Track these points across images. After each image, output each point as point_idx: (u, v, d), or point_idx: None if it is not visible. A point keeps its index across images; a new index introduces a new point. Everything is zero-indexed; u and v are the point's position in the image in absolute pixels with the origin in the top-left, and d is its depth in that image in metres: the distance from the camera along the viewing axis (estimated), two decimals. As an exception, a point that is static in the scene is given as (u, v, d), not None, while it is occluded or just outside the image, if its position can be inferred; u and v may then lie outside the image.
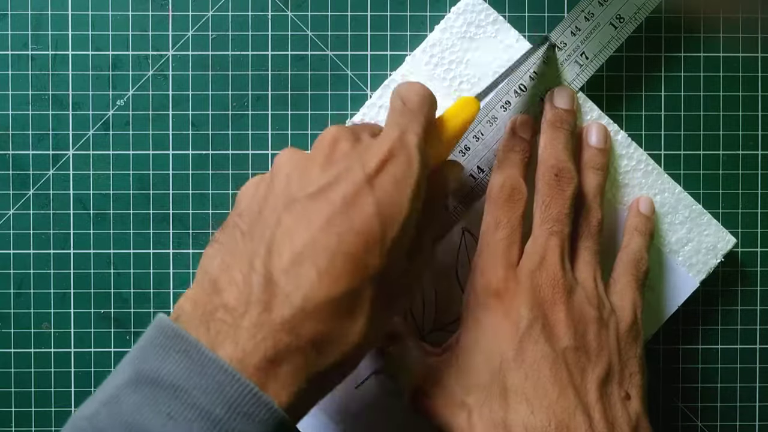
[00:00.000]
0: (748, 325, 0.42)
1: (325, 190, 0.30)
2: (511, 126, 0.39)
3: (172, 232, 0.41)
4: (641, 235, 0.39)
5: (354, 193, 0.29)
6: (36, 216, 0.41)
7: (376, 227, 0.29)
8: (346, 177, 0.30)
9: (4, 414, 0.41)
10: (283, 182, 0.31)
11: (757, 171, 0.42)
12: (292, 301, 0.28)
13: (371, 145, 0.31)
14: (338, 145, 0.31)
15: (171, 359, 0.27)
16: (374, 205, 0.29)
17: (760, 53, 0.42)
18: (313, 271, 0.28)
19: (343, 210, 0.29)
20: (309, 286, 0.28)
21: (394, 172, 0.30)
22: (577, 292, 0.35)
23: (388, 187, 0.30)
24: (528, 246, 0.36)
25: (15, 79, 0.41)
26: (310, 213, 0.29)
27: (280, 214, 0.30)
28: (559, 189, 0.36)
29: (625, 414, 0.33)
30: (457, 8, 0.40)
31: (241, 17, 0.41)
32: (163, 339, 0.28)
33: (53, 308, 0.41)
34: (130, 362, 0.28)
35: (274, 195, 0.31)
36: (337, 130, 0.32)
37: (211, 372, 0.27)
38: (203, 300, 0.29)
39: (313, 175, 0.30)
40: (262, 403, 0.27)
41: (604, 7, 0.39)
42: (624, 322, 0.36)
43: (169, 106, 0.41)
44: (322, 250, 0.29)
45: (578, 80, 0.40)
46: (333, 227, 0.29)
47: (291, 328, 0.28)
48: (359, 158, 0.30)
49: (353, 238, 0.29)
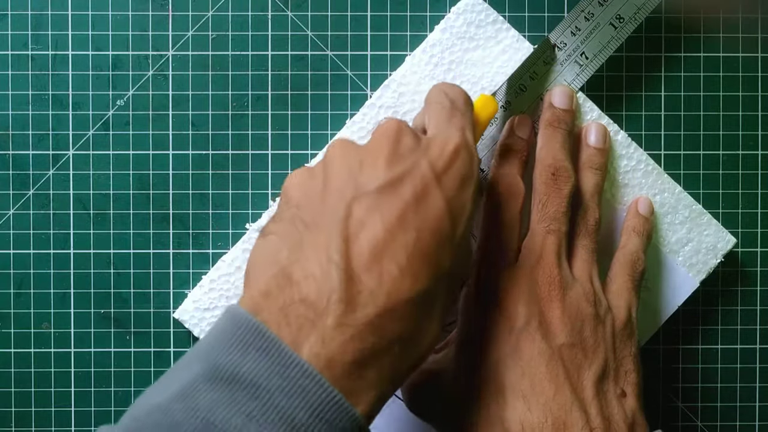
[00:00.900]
0: (748, 325, 0.42)
1: (394, 185, 0.29)
2: (510, 125, 0.39)
3: (172, 232, 0.41)
4: (639, 236, 0.39)
5: (424, 190, 0.29)
6: (36, 216, 0.41)
7: (447, 224, 0.29)
8: (414, 173, 0.29)
9: (4, 414, 0.41)
10: (344, 174, 0.30)
11: (757, 171, 0.42)
12: (376, 299, 0.27)
13: (436, 142, 0.31)
14: (402, 139, 0.31)
15: (250, 357, 0.26)
16: (444, 201, 0.29)
17: (760, 53, 0.42)
18: (395, 268, 0.28)
19: (414, 206, 0.29)
20: (392, 283, 0.28)
21: (460, 170, 0.30)
22: (574, 289, 0.35)
23: (454, 184, 0.30)
24: (525, 244, 0.36)
25: (15, 79, 0.41)
26: (382, 207, 0.29)
27: (349, 205, 0.29)
28: (556, 188, 0.37)
29: (621, 411, 0.34)
30: (457, 8, 0.40)
31: (241, 17, 0.41)
32: (242, 333, 0.27)
33: (53, 308, 0.41)
34: (204, 355, 0.27)
35: (336, 186, 0.30)
36: (398, 124, 0.31)
37: (294, 375, 0.26)
38: (278, 293, 0.27)
39: (378, 169, 0.30)
40: (345, 412, 0.26)
41: (604, 7, 0.39)
42: (619, 320, 0.36)
43: (169, 106, 0.41)
44: (401, 247, 0.28)
45: (578, 80, 0.40)
46: (408, 223, 0.28)
47: (376, 327, 0.27)
48: (425, 155, 0.30)
49: (428, 236, 0.29)
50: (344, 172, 0.30)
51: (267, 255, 0.29)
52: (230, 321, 0.27)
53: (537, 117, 0.39)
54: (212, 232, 0.42)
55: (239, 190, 0.41)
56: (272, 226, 0.31)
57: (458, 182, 0.30)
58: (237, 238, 0.41)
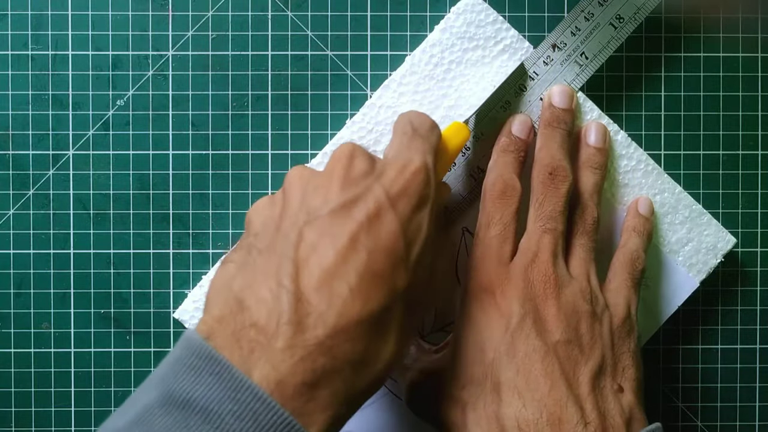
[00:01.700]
0: (748, 325, 0.43)
1: (347, 207, 0.30)
2: (508, 125, 0.39)
3: (172, 232, 0.41)
4: (639, 236, 0.39)
5: (377, 212, 0.30)
6: (36, 216, 0.41)
7: (401, 246, 0.30)
8: (367, 196, 0.30)
9: (4, 414, 0.41)
10: (298, 198, 0.31)
11: (757, 171, 0.42)
12: (325, 320, 0.28)
13: (391, 166, 0.32)
14: (356, 163, 0.32)
15: (203, 382, 0.27)
16: (398, 223, 0.30)
17: (760, 53, 0.42)
18: (345, 289, 0.28)
19: (367, 228, 0.29)
20: (342, 304, 0.28)
21: (416, 192, 0.31)
22: (570, 287, 0.35)
23: (409, 207, 0.31)
24: (522, 243, 0.37)
25: (15, 79, 0.41)
26: (334, 229, 0.29)
27: (301, 230, 0.30)
28: (553, 187, 0.37)
29: (617, 406, 0.34)
30: (457, 8, 0.40)
31: (241, 17, 0.41)
32: (194, 360, 0.27)
33: (53, 308, 0.41)
34: (160, 381, 0.28)
35: (292, 211, 0.31)
36: (352, 148, 0.32)
37: (245, 398, 0.26)
38: (230, 319, 0.28)
39: (332, 192, 0.31)
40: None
41: (603, 7, 0.39)
42: (617, 317, 0.36)
43: (169, 106, 0.41)
44: (352, 268, 0.29)
45: (578, 80, 0.40)
46: (360, 245, 0.29)
47: (327, 348, 0.27)
48: (380, 178, 0.31)
49: (381, 257, 0.29)
50: (299, 197, 0.31)
51: (223, 282, 0.30)
52: (185, 346, 0.28)
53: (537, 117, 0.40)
54: (212, 232, 0.42)
55: (239, 190, 0.42)
56: (232, 254, 0.32)
57: (414, 204, 0.31)
58: (237, 238, 0.41)
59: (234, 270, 0.30)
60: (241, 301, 0.28)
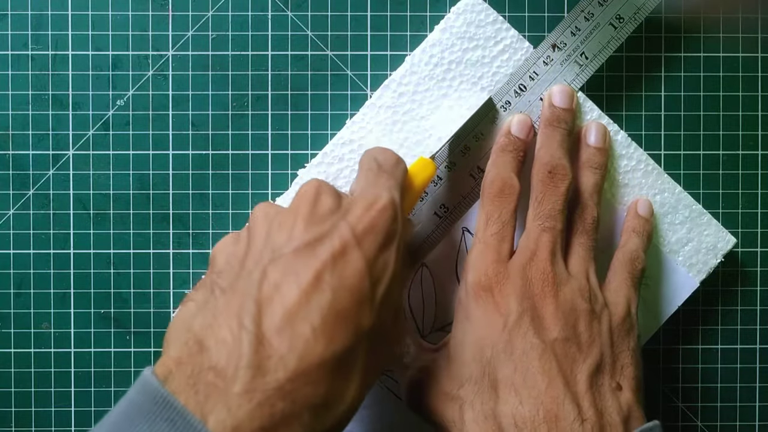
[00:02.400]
0: (748, 325, 0.43)
1: (312, 246, 0.29)
2: (507, 125, 0.39)
3: (172, 232, 0.41)
4: (639, 236, 0.39)
5: (342, 250, 0.29)
6: (36, 216, 0.41)
7: (366, 284, 0.29)
8: (332, 234, 0.30)
9: (4, 414, 0.41)
10: (263, 236, 0.31)
11: (757, 171, 0.42)
12: (286, 363, 0.27)
13: (357, 203, 0.31)
14: (321, 200, 0.31)
15: (157, 428, 0.26)
16: (364, 261, 0.29)
17: (760, 53, 0.42)
18: (308, 329, 0.28)
19: (332, 267, 0.29)
20: (304, 346, 0.27)
21: (382, 229, 0.31)
22: (569, 285, 0.36)
23: (375, 244, 0.30)
24: (520, 241, 0.37)
25: (15, 79, 0.41)
26: (298, 268, 0.29)
27: (265, 268, 0.29)
28: (552, 186, 0.37)
29: (615, 404, 0.34)
30: (457, 8, 0.40)
31: (241, 17, 0.41)
32: (150, 405, 0.27)
33: (53, 308, 0.41)
34: (114, 426, 0.27)
35: (256, 249, 0.30)
36: (318, 185, 0.32)
37: None
38: (188, 361, 0.28)
39: (297, 230, 0.30)
40: None
41: (603, 7, 0.39)
42: (617, 315, 0.36)
43: (169, 106, 0.41)
44: (316, 308, 0.28)
45: (578, 80, 0.40)
46: (324, 284, 0.28)
47: (286, 393, 0.27)
48: (345, 215, 0.31)
49: (346, 296, 0.29)
50: (263, 235, 0.31)
51: (182, 321, 0.30)
52: (140, 390, 0.27)
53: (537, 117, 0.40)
54: (212, 232, 0.42)
55: (239, 190, 0.42)
56: (193, 293, 0.31)
57: (380, 242, 0.30)
58: (237, 238, 0.41)
59: (195, 309, 0.30)
60: (201, 341, 0.28)
